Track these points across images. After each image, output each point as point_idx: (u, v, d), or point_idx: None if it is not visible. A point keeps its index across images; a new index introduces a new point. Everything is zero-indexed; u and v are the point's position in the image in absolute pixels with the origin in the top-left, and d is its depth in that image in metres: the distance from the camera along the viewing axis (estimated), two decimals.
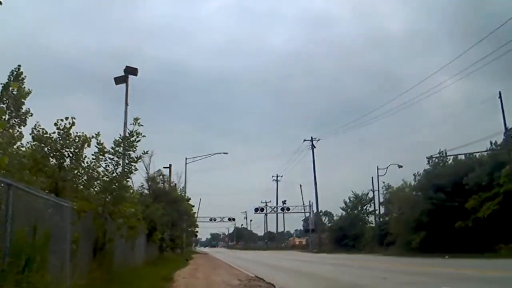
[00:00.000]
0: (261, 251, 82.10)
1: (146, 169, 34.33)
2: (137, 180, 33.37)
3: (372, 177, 64.58)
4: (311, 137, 68.66)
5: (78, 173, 14.56)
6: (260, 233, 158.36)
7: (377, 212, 60.96)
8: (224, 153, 61.23)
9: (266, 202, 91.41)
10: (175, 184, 39.88)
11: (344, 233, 62.46)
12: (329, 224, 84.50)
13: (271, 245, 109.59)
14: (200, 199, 74.83)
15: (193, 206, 48.52)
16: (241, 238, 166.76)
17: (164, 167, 38.32)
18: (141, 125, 14.99)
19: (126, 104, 28.90)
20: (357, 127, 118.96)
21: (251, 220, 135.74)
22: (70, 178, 14.18)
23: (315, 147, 68.45)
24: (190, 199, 44.50)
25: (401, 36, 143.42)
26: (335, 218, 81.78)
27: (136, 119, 15.04)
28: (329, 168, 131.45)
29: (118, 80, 29.30)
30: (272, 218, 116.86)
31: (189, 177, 50.68)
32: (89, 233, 13.56)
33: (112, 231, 14.81)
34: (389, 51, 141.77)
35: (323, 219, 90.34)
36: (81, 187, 14.64)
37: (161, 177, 34.15)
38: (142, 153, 14.74)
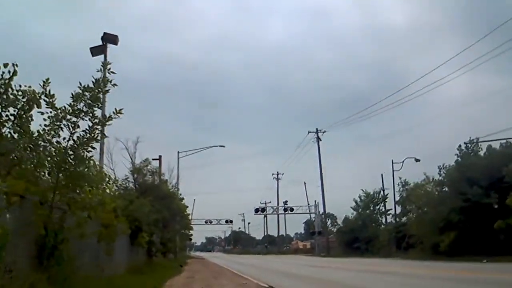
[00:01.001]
0: (262, 256, 77.67)
1: (131, 159, 29.95)
2: (121, 171, 29.01)
3: (382, 174, 61.08)
4: (316, 129, 64.34)
5: (23, 145, 10.04)
6: (258, 236, 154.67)
7: (392, 211, 56.65)
8: (221, 146, 56.84)
9: (265, 203, 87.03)
10: (166, 179, 35.42)
11: (355, 236, 57.70)
12: (332, 227, 79.82)
13: (271, 249, 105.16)
14: (194, 199, 70.19)
15: (187, 207, 44.08)
16: (239, 242, 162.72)
17: (153, 159, 33.79)
18: (113, 74, 10.64)
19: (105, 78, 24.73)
20: (360, 121, 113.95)
21: (249, 223, 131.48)
22: (9, 150, 9.71)
23: (320, 140, 64.16)
24: (183, 198, 40.14)
25: (405, 29, 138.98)
26: (338, 220, 77.22)
27: (105, 65, 10.67)
28: (330, 167, 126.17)
29: (96, 51, 24.89)
30: (272, 221, 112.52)
31: (182, 176, 46.19)
32: (32, 231, 9.21)
33: (70, 228, 10.40)
34: (391, 44, 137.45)
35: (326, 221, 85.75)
36: (31, 165, 10.15)
37: (149, 167, 29.73)
38: (113, 113, 10.26)
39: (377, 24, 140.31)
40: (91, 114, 9.88)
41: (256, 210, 75.26)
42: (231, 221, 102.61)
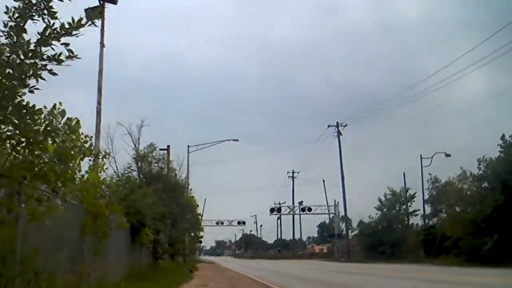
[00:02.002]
0: (276, 261, 73.98)
1: (135, 146, 26.54)
2: (122, 160, 25.63)
3: (404, 173, 57.34)
4: (337, 122, 60.43)
5: None
6: (270, 240, 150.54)
7: (420, 212, 52.67)
8: (234, 139, 53.18)
9: (279, 203, 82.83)
10: (175, 168, 31.90)
11: (379, 239, 53.35)
12: (351, 231, 75.27)
13: (284, 253, 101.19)
14: (205, 199, 66.42)
15: (197, 205, 40.61)
16: (249, 246, 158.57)
17: (160, 149, 30.25)
18: None
19: (102, 45, 21.52)
20: (378, 118, 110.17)
21: (261, 225, 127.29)
22: None
23: (341, 134, 60.24)
24: (193, 196, 36.67)
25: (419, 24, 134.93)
26: (353, 223, 72.69)
27: None
28: (346, 165, 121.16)
29: (93, 15, 21.52)
30: (286, 223, 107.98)
31: (192, 173, 42.36)
32: None
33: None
34: (405, 40, 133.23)
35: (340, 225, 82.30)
36: None
37: (154, 154, 26.28)
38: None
39: (390, 20, 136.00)
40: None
41: (272, 210, 71.31)
42: (244, 223, 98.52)
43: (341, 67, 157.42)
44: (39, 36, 6.02)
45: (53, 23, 6.10)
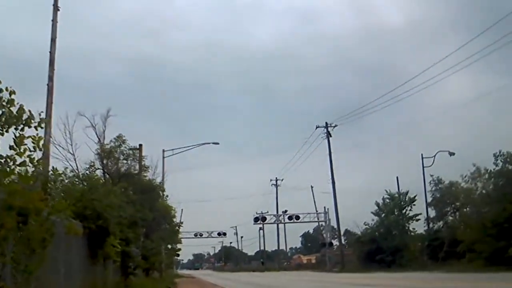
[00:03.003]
0: (262, 273, 69.48)
1: (99, 139, 22.06)
2: (84, 156, 21.14)
3: (397, 177, 54.27)
4: (326, 123, 56.38)
5: None
6: (250, 252, 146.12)
7: (421, 216, 48.81)
8: (214, 143, 48.29)
9: (262, 213, 78.23)
10: (149, 166, 27.21)
11: (377, 246, 48.94)
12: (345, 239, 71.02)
13: (268, 265, 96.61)
14: (182, 209, 61.46)
15: (175, 215, 35.97)
16: (229, 259, 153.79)
17: (131, 149, 25.61)
18: None
19: (56, 8, 17.43)
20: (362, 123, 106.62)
21: (241, 237, 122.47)
22: None
23: (331, 136, 56.29)
24: (170, 205, 32.10)
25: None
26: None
27: None
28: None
29: None
30: (268, 234, 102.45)
31: (168, 182, 37.48)
32: None
33: None
34: (388, 45, 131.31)
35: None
36: None
37: (123, 148, 21.84)
38: None
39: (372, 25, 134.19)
40: None
41: (256, 219, 66.47)
42: (224, 234, 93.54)
43: (322, 73, 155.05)
44: None
45: None
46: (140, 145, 28.23)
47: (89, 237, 12.74)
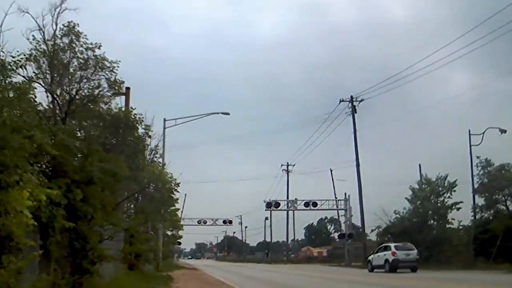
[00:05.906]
0: (270, 265, 61.68)
1: (43, 32, 13.73)
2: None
3: (420, 164, 48.05)
4: (351, 96, 48.13)
5: None
6: (252, 243, 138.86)
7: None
8: (224, 113, 40.43)
9: (270, 200, 69.78)
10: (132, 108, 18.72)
11: (411, 239, 40.59)
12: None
13: (272, 257, 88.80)
14: (186, 194, 53.54)
15: (175, 189, 27.91)
16: (231, 249, 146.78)
17: (117, 93, 17.38)
18: None
19: None
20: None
21: (246, 227, 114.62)
22: None
23: (356, 112, 48.20)
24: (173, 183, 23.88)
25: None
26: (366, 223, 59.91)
27: None
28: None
29: None
30: (276, 223, 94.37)
31: (169, 158, 29.84)
32: None
33: None
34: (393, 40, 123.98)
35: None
36: None
37: (82, 42, 13.53)
38: None
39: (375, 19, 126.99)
40: None
41: (268, 205, 57.71)
42: (230, 222, 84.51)
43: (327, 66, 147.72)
44: None
45: None
46: (128, 88, 20.24)
47: None
